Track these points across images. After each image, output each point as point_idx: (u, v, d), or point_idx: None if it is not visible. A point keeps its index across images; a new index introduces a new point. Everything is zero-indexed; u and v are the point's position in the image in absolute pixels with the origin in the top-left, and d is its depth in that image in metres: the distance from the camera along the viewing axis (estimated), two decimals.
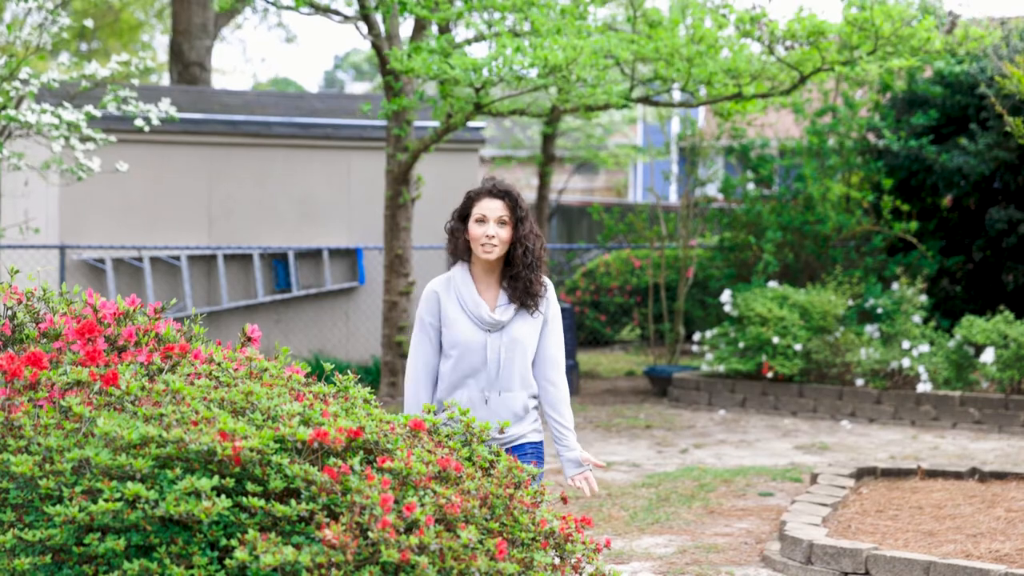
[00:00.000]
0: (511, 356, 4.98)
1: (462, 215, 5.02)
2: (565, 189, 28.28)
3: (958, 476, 9.08)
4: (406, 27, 13.18)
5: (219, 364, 4.09)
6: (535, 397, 5.14)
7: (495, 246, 4.94)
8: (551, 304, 5.12)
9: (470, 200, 5.02)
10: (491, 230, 4.92)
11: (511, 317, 5.00)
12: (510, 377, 5.00)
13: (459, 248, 5.04)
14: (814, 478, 9.08)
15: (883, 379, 13.07)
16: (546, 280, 5.10)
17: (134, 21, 28.60)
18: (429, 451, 3.87)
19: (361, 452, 3.69)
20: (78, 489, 3.44)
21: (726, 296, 14.23)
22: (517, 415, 5.04)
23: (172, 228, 14.88)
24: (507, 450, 4.99)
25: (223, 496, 3.42)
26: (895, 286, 14.16)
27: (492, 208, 4.95)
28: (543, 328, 5.09)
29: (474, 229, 4.96)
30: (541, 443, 5.18)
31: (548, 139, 22.18)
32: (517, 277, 5.00)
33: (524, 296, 4.99)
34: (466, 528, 3.55)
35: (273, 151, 15.33)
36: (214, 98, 16.39)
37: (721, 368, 13.95)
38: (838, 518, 7.91)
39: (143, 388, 3.77)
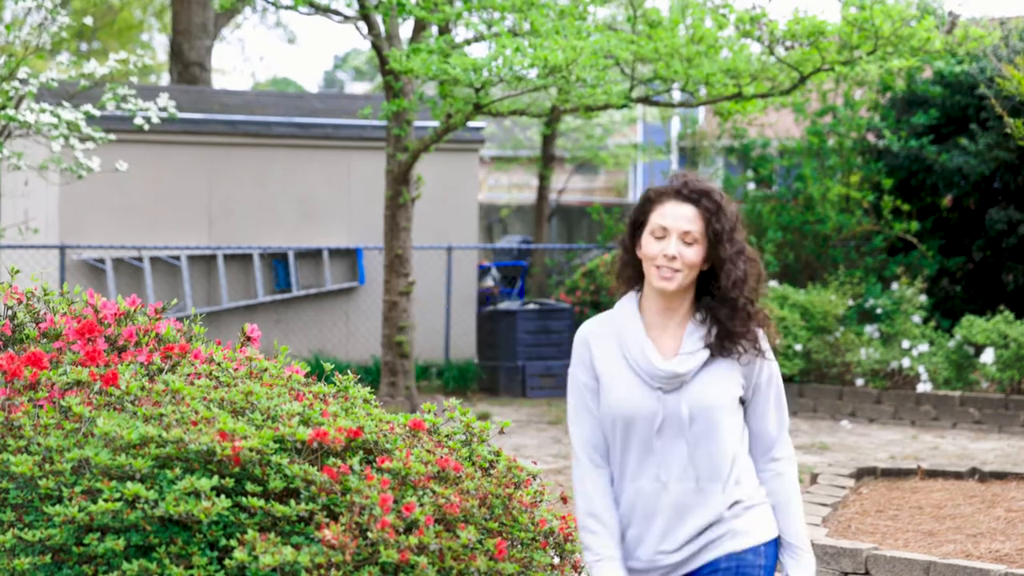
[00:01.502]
0: (701, 428, 3.47)
1: (636, 223, 3.55)
2: (565, 189, 28.29)
3: (958, 476, 9.09)
4: (406, 27, 13.19)
5: (219, 364, 4.10)
6: (752, 488, 3.56)
7: (676, 271, 3.45)
8: (766, 359, 3.55)
9: (648, 202, 3.53)
10: (672, 248, 3.43)
11: (697, 368, 3.48)
12: (702, 460, 3.48)
13: (628, 271, 3.57)
14: (814, 478, 9.08)
15: (883, 379, 13.08)
16: (758, 330, 3.54)
17: (133, 21, 28.62)
18: (428, 451, 3.87)
19: (360, 452, 3.70)
20: (78, 489, 3.44)
21: None
22: (718, 514, 3.48)
23: (172, 228, 14.89)
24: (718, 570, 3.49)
25: (222, 496, 3.43)
26: (895, 286, 14.17)
27: (678, 216, 3.46)
28: (754, 392, 3.56)
29: (649, 245, 3.47)
30: (774, 544, 3.55)
31: (548, 139, 22.19)
32: (718, 309, 3.50)
33: (723, 337, 3.48)
34: (465, 528, 3.56)
35: (273, 151, 15.34)
36: (214, 98, 16.40)
37: None
38: (838, 518, 7.91)
39: (143, 388, 3.78)
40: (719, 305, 3.49)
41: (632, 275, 3.56)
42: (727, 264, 3.46)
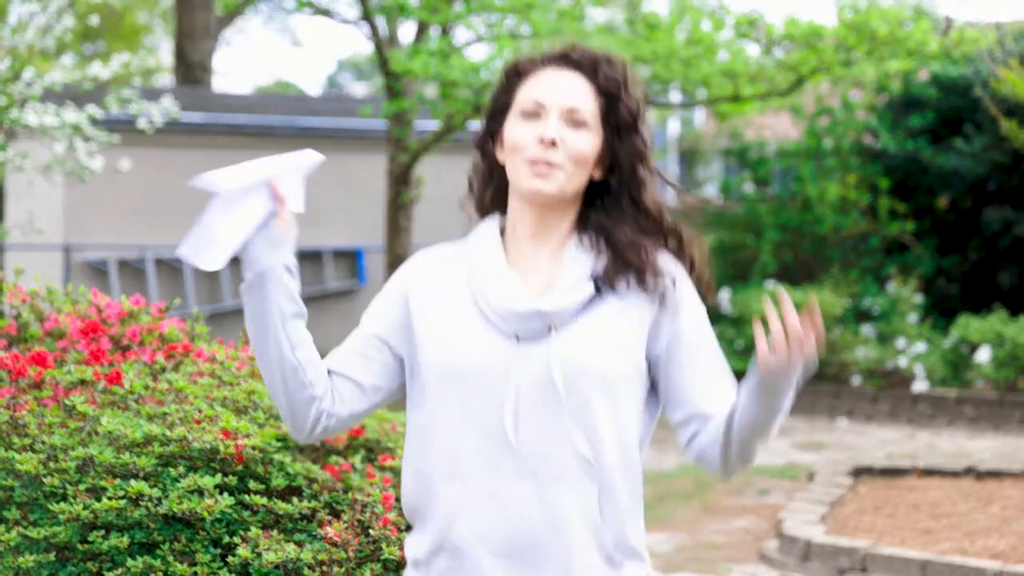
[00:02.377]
0: (577, 398, 2.24)
1: (497, 109, 2.37)
2: None
3: (954, 474, 9.13)
4: (408, 29, 13.24)
5: (222, 363, 4.12)
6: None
7: (554, 167, 2.27)
8: (681, 286, 2.33)
9: (515, 75, 2.36)
10: (551, 129, 2.27)
11: (577, 309, 2.27)
12: (573, 449, 2.23)
13: (488, 189, 2.41)
14: (811, 476, 9.13)
15: (880, 378, 13.12)
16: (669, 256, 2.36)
17: (137, 24, 28.63)
18: None
19: (362, 450, 3.73)
20: (82, 487, 3.46)
21: (724, 296, 14.28)
22: (587, 546, 2.24)
23: (175, 228, 14.91)
24: None
25: (226, 494, 3.44)
26: (891, 286, 14.21)
27: (561, 87, 2.30)
28: (671, 346, 2.31)
29: (516, 130, 2.31)
30: None
31: None
32: (613, 221, 2.33)
33: (620, 262, 2.29)
34: None
35: (275, 152, 15.39)
36: (216, 100, 16.45)
37: None
38: (835, 516, 7.96)
39: (146, 387, 3.80)
40: (615, 216, 2.33)
41: (494, 195, 2.39)
42: (634, 163, 2.36)
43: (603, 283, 2.28)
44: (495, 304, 2.27)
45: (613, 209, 2.33)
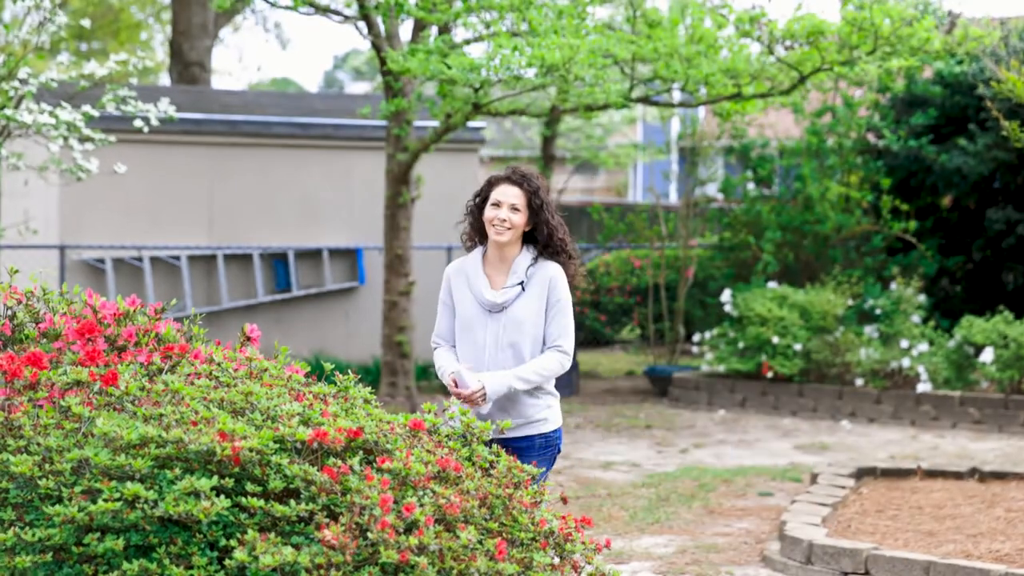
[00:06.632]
0: (511, 337, 5.17)
1: (481, 198, 5.29)
2: (565, 189, 28.27)
3: (958, 476, 9.09)
4: (406, 28, 13.19)
5: (219, 364, 4.10)
6: (545, 390, 5.33)
7: (507, 229, 5.19)
8: (556, 287, 5.24)
9: (489, 185, 5.29)
10: (503, 214, 5.16)
11: (512, 300, 5.19)
12: (507, 360, 5.17)
13: (474, 229, 5.31)
14: (814, 478, 9.08)
15: (883, 379, 13.08)
16: (555, 265, 5.25)
17: (133, 21, 28.59)
18: (428, 451, 3.88)
19: (361, 452, 3.70)
20: (78, 489, 3.45)
21: (726, 296, 14.24)
22: (514, 402, 5.21)
23: (172, 228, 14.89)
24: (507, 441, 5.12)
25: (222, 496, 3.43)
26: (894, 286, 14.16)
27: (508, 194, 5.19)
28: (547, 311, 5.23)
29: (488, 212, 5.21)
30: (550, 436, 5.31)
31: (548, 139, 22.18)
32: (538, 248, 5.28)
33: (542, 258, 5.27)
34: (465, 528, 3.56)
35: (273, 151, 15.34)
36: (214, 98, 16.41)
37: (721, 368, 13.95)
38: (838, 518, 7.92)
39: (143, 388, 3.78)
40: (540, 244, 5.26)
41: (476, 233, 5.32)
42: (542, 222, 5.22)
43: (525, 286, 5.26)
44: (477, 295, 5.26)
45: (545, 247, 5.32)
